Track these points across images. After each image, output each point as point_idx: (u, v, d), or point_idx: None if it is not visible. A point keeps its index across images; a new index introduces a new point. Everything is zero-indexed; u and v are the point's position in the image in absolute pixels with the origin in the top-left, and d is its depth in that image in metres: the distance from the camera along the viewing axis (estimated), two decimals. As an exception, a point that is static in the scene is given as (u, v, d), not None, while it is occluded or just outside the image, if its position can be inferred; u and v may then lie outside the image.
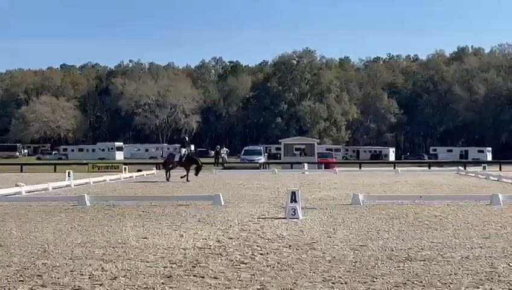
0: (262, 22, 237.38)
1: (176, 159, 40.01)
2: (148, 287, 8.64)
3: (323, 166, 69.05)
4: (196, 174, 39.56)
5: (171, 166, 40.13)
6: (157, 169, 43.25)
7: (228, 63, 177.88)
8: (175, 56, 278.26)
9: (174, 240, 12.89)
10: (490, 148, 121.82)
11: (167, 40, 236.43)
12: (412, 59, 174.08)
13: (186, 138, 43.69)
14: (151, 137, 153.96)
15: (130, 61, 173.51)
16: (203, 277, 9.21)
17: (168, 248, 11.89)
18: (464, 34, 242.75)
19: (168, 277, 9.23)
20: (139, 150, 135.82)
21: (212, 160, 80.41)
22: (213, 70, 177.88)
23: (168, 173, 39.76)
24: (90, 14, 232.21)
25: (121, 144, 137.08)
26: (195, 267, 10.02)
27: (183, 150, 40.45)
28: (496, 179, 39.29)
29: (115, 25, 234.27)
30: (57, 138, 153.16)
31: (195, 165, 39.96)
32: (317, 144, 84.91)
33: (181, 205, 20.80)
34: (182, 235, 13.57)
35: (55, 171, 61.04)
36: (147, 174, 48.83)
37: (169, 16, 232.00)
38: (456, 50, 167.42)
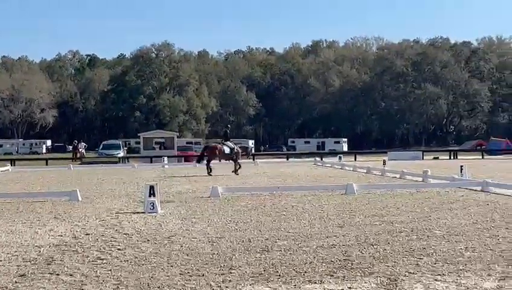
0: (119, 13, 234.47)
1: (227, 151, 36.99)
2: (1, 286, 8.37)
3: (183, 159, 69.09)
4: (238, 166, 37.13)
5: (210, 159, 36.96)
6: (198, 163, 37.97)
7: (85, 56, 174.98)
8: (29, 49, 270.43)
9: (28, 238, 12.54)
10: (346, 139, 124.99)
11: (21, 33, 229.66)
12: (269, 52, 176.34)
13: (228, 130, 40.04)
14: (5, 132, 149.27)
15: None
16: (58, 274, 9.00)
17: (22, 246, 11.56)
18: (318, 27, 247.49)
19: (21, 276, 8.97)
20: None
21: (70, 155, 78.95)
22: (69, 64, 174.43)
23: (209, 167, 36.44)
24: None
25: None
26: (50, 264, 9.78)
27: (229, 143, 37.82)
28: (351, 169, 40.43)
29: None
30: None
31: (244, 153, 38.53)
32: (177, 137, 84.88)
33: (37, 201, 20.28)
34: (37, 232, 13.24)
35: None
36: (1, 171, 47.40)
37: (23, 6, 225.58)
38: (311, 43, 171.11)
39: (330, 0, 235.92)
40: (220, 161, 38.47)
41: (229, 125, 42.88)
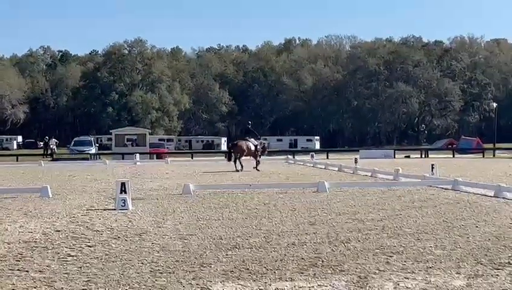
0: (91, 10, 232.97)
1: (252, 148, 37.51)
2: (-31, 283, 8.30)
3: (155, 156, 68.97)
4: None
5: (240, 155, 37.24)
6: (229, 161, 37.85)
7: (57, 52, 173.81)
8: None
9: (-3, 234, 12.45)
10: (318, 137, 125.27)
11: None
12: (241, 50, 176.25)
13: (250, 126, 40.29)
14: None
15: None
16: (27, 271, 8.93)
17: (-9, 243, 11.47)
18: (291, 26, 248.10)
19: (-10, 273, 8.90)
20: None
21: (41, 151, 78.51)
22: (41, 60, 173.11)
23: (240, 162, 36.88)
24: None
25: None
26: (19, 261, 9.70)
27: (253, 139, 38.24)
28: (323, 167, 40.55)
29: None
30: None
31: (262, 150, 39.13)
32: (149, 134, 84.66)
33: (7, 197, 20.09)
34: (7, 229, 13.12)
35: None
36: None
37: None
38: (284, 42, 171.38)
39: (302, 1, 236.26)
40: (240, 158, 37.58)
41: (250, 122, 42.86)
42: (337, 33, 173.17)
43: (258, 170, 36.48)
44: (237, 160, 37.07)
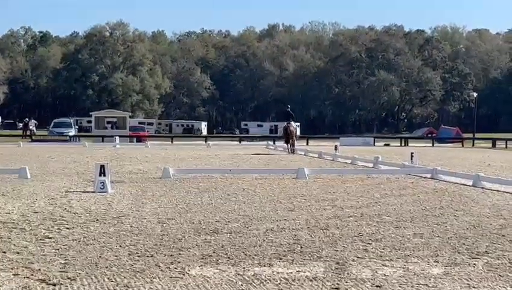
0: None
1: (294, 131, 40.26)
2: None
3: (135, 139, 68.83)
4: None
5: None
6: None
7: (38, 33, 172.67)
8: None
9: (-25, 215, 12.36)
10: (299, 123, 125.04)
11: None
12: (224, 34, 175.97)
13: (289, 110, 43.27)
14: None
15: None
16: (4, 252, 8.87)
17: (-31, 223, 11.39)
18: (275, 12, 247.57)
19: (-33, 253, 8.83)
20: None
21: (20, 132, 78.12)
22: (22, 40, 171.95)
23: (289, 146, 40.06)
24: None
25: None
26: (-4, 242, 9.66)
27: (293, 123, 40.92)
28: (303, 153, 40.55)
29: None
30: None
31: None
32: (130, 117, 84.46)
33: (-16, 178, 19.97)
34: (-16, 210, 13.05)
35: None
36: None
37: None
38: (267, 27, 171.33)
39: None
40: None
41: (289, 106, 44.42)
42: (320, 20, 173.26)
43: (293, 153, 39.27)
44: (290, 144, 40.25)
